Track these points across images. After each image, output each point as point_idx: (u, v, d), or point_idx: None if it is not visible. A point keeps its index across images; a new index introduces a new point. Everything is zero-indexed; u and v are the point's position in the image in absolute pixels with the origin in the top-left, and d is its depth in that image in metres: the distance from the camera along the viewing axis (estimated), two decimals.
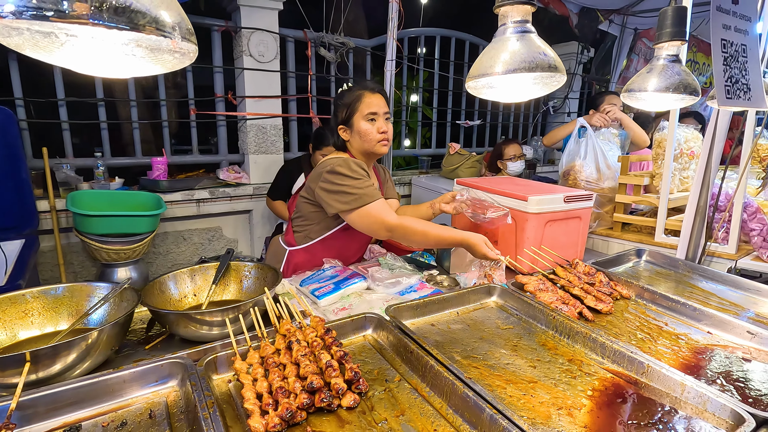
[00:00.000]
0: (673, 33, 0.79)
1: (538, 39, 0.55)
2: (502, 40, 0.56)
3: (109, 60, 0.36)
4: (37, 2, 0.29)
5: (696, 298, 1.44)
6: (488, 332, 1.12)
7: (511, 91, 0.57)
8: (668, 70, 0.80)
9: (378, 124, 1.60)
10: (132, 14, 0.31)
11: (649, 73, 0.82)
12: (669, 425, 0.80)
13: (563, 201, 1.61)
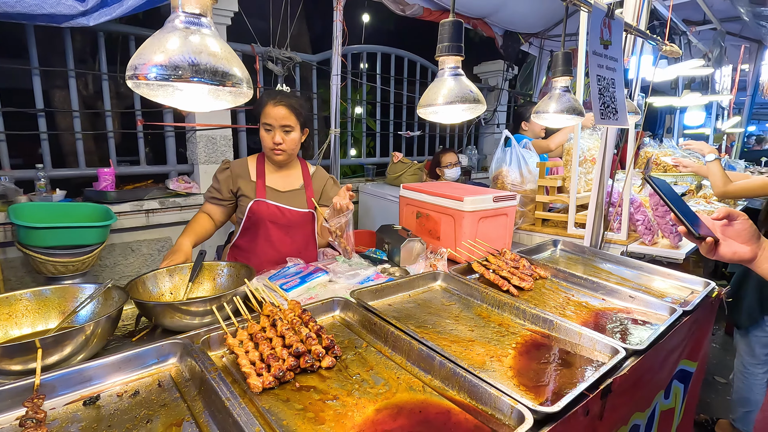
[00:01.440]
0: (563, 71, 1.08)
1: (466, 80, 0.78)
2: (442, 79, 0.79)
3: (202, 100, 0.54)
4: (164, 72, 0.45)
5: (597, 275, 1.78)
6: (435, 308, 1.35)
7: (449, 116, 0.79)
8: (562, 98, 1.09)
9: (272, 135, 1.73)
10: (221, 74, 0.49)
11: (549, 99, 1.11)
12: (569, 361, 1.08)
13: (493, 201, 1.91)
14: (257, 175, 1.85)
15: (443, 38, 0.77)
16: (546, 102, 1.10)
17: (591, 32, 1.15)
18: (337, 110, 3.58)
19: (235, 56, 0.54)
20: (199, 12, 0.50)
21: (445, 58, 0.78)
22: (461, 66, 0.78)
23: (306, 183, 1.94)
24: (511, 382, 0.98)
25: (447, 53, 0.77)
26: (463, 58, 0.79)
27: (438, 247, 1.85)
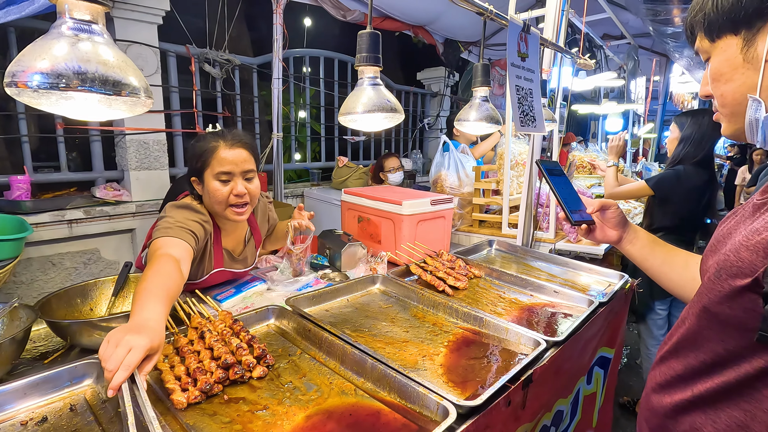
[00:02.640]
0: (482, 81, 1.15)
1: (384, 90, 0.81)
2: (361, 89, 0.82)
3: (94, 109, 0.50)
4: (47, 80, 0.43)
5: (528, 273, 1.89)
6: (372, 311, 1.38)
7: (367, 124, 0.82)
8: (481, 107, 1.16)
9: (232, 185, 1.36)
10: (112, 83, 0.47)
11: (470, 108, 1.18)
12: (496, 355, 1.14)
13: (430, 204, 1.97)
14: (214, 236, 1.47)
15: (361, 49, 0.80)
16: (467, 111, 1.17)
17: (509, 45, 1.23)
18: (279, 114, 3.52)
19: (131, 65, 0.52)
20: (90, 18, 0.48)
21: (364, 67, 0.80)
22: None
23: (252, 227, 1.65)
24: (441, 379, 1.01)
25: (365, 63, 0.80)
26: (381, 68, 0.82)
27: (379, 251, 1.88)
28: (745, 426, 0.61)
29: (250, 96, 3.93)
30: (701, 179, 2.22)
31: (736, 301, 0.60)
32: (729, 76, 0.66)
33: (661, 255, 0.99)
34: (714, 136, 2.24)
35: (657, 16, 2.65)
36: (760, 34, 0.61)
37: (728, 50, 0.65)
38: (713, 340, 0.65)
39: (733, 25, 0.63)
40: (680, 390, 0.71)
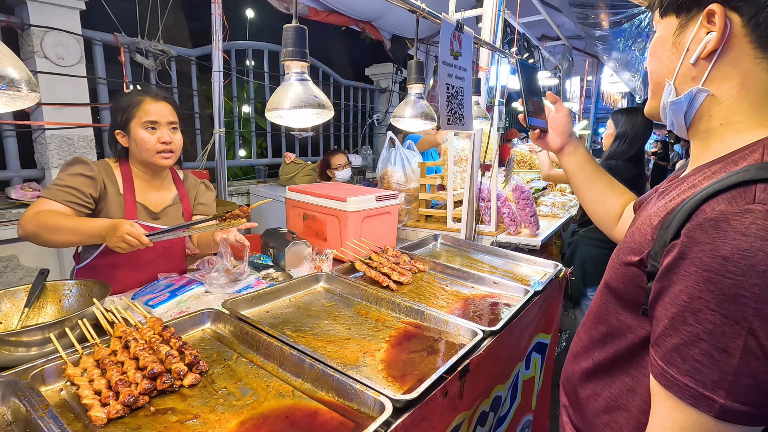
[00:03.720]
0: (417, 78, 1.17)
1: (312, 85, 0.80)
2: (288, 84, 0.80)
3: None
4: None
5: (471, 265, 1.95)
6: (315, 310, 1.36)
7: (295, 120, 0.80)
8: (416, 104, 1.17)
9: (159, 134, 1.51)
10: None
11: (405, 105, 1.19)
12: (436, 347, 1.16)
13: (375, 200, 1.97)
14: (125, 188, 1.54)
15: (287, 43, 0.77)
16: (402, 107, 1.18)
17: (441, 44, 1.26)
18: (221, 109, 3.38)
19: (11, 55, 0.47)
20: None
21: (290, 62, 0.78)
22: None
23: (181, 194, 1.72)
24: (380, 374, 1.02)
25: (292, 58, 0.78)
26: (308, 63, 0.80)
27: (324, 249, 1.86)
28: (632, 390, 0.67)
29: (189, 89, 3.73)
30: (631, 174, 2.40)
31: (628, 277, 0.66)
32: (659, 55, 0.70)
33: (588, 172, 1.07)
34: (645, 134, 2.43)
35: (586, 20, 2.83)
36: (692, 23, 0.63)
37: (667, 29, 0.68)
38: (611, 313, 0.71)
39: (677, 6, 0.65)
40: (585, 359, 0.77)
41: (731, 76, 0.61)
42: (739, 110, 0.62)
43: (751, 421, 0.50)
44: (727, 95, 0.62)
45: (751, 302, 0.48)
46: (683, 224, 0.55)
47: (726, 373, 0.49)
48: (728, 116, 0.63)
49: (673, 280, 0.55)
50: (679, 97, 0.66)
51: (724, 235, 0.50)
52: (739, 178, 0.53)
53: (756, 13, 0.57)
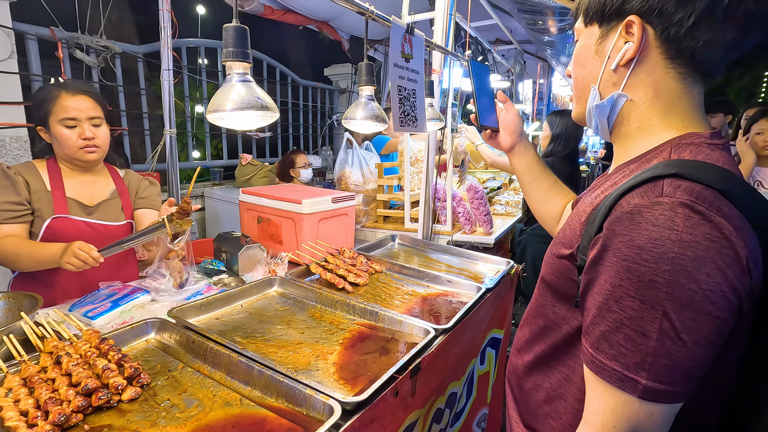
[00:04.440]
0: (367, 81, 1.17)
1: (255, 87, 0.78)
2: (230, 85, 0.77)
3: None
4: None
5: (428, 264, 1.98)
6: (268, 315, 1.33)
7: (237, 122, 0.78)
8: (367, 106, 1.18)
9: (79, 131, 1.46)
10: None
11: (356, 107, 1.19)
12: (389, 348, 1.17)
13: (332, 202, 1.96)
14: (52, 185, 1.51)
15: (228, 43, 0.75)
16: (353, 109, 1.18)
17: (392, 46, 1.27)
18: (171, 109, 3.24)
19: None
20: None
21: (232, 63, 0.76)
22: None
23: (119, 189, 1.67)
24: (332, 377, 1.02)
25: (233, 59, 0.76)
26: (250, 64, 0.79)
27: (280, 252, 1.82)
28: (569, 379, 0.71)
29: (136, 88, 3.56)
30: (566, 171, 2.55)
31: (561, 271, 0.70)
32: (583, 62, 0.74)
33: (536, 173, 1.11)
34: (578, 135, 2.60)
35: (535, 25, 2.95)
36: (612, 32, 0.68)
37: (590, 38, 0.72)
38: (547, 307, 0.74)
39: (600, 15, 0.69)
40: (527, 353, 0.81)
41: (646, 83, 0.66)
42: (653, 114, 0.67)
43: (671, 398, 0.53)
44: (642, 100, 0.67)
45: (664, 287, 0.51)
46: (605, 218, 0.59)
47: (646, 355, 0.52)
48: (644, 120, 0.68)
49: (599, 271, 0.58)
50: (603, 101, 0.70)
51: (638, 227, 0.54)
52: (650, 174, 0.57)
53: (666, 28, 0.62)
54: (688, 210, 0.52)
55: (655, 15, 0.62)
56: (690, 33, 0.60)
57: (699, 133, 0.64)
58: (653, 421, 0.55)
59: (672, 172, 0.56)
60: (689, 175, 0.55)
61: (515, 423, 0.86)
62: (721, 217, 0.52)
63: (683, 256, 0.51)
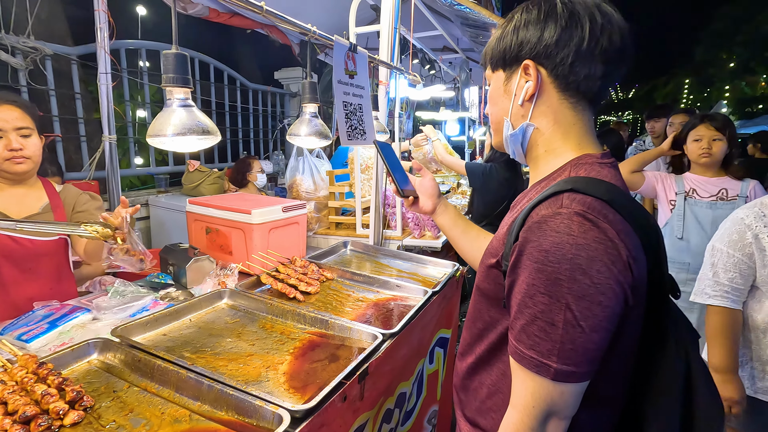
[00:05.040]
0: (311, 98, 1.22)
1: (197, 111, 0.80)
2: (171, 110, 0.79)
3: None
4: None
5: (380, 270, 2.04)
6: (218, 329, 1.34)
7: (179, 146, 0.80)
8: (311, 122, 1.22)
9: (5, 142, 1.43)
10: None
11: (300, 123, 1.23)
12: (339, 354, 1.22)
13: (282, 211, 1.98)
14: None
15: (168, 69, 0.77)
16: (297, 125, 1.22)
17: (335, 64, 1.32)
18: (110, 114, 3.08)
19: None
20: None
21: (172, 88, 0.78)
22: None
23: (53, 204, 1.60)
24: (282, 387, 1.05)
25: (173, 84, 0.78)
26: (191, 89, 0.81)
27: (230, 263, 1.82)
28: (504, 373, 0.80)
29: (70, 92, 3.36)
30: (505, 176, 2.73)
31: (491, 278, 0.79)
32: (496, 101, 0.86)
33: (462, 226, 1.20)
34: None
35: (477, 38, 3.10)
36: (514, 74, 0.80)
37: (498, 81, 0.84)
38: (483, 311, 0.83)
39: (503, 62, 0.82)
40: (469, 355, 0.89)
41: (547, 113, 0.79)
42: (555, 138, 0.80)
43: (577, 378, 0.64)
44: (546, 128, 0.80)
45: (566, 283, 0.61)
46: (521, 228, 0.69)
47: (555, 342, 0.62)
48: (549, 144, 0.80)
49: (518, 273, 0.68)
50: (515, 130, 0.81)
51: (545, 233, 0.64)
52: (553, 190, 0.69)
53: (554, 68, 0.75)
54: (581, 218, 0.63)
55: (544, 58, 0.75)
56: (572, 70, 0.74)
57: (592, 154, 0.77)
58: (564, 400, 0.65)
59: (569, 187, 0.67)
60: (583, 189, 0.66)
61: (462, 422, 0.94)
62: (606, 223, 0.63)
63: (579, 257, 0.61)
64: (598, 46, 0.72)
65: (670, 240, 2.15)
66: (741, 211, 1.42)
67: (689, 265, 2.12)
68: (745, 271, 1.37)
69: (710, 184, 2.11)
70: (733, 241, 1.39)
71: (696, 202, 2.11)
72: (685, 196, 2.13)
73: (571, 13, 0.72)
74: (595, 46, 0.71)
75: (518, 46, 0.76)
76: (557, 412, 0.66)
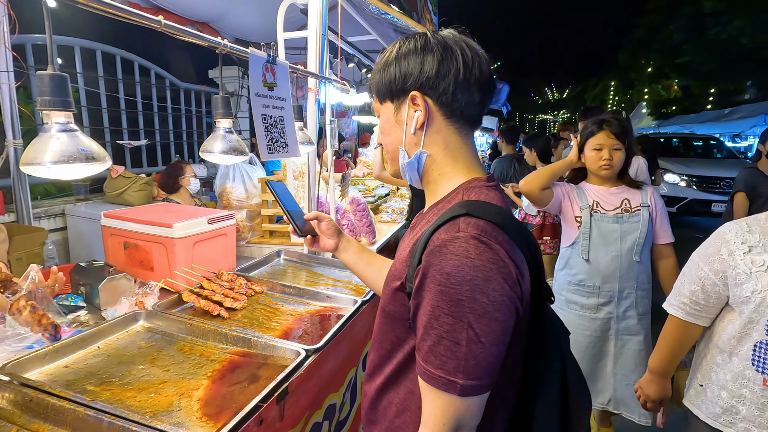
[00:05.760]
0: (224, 114, 1.18)
1: (81, 136, 0.75)
2: (49, 135, 0.73)
3: None
4: None
5: (312, 280, 2.03)
6: (129, 355, 1.26)
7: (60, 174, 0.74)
8: (225, 138, 1.18)
9: None
10: None
11: (214, 140, 1.18)
12: (260, 375, 1.20)
13: (207, 223, 1.90)
14: None
15: (44, 92, 0.71)
16: (211, 142, 1.17)
17: (252, 77, 1.29)
18: (15, 116, 2.80)
19: None
20: None
21: (50, 112, 0.72)
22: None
23: None
24: (195, 416, 1.01)
25: (51, 108, 0.72)
26: (73, 111, 0.75)
27: (151, 281, 1.72)
28: (412, 392, 0.83)
29: None
30: None
31: (395, 300, 0.81)
32: (389, 131, 0.88)
33: (366, 259, 1.19)
34: None
35: None
36: (403, 105, 0.83)
37: (388, 112, 0.86)
38: (389, 332, 0.85)
39: (390, 94, 0.84)
40: (378, 375, 0.91)
41: (437, 139, 0.83)
42: (447, 163, 0.84)
43: (481, 390, 0.68)
44: (438, 153, 0.84)
45: (467, 303, 0.65)
46: (423, 252, 0.72)
47: (460, 360, 0.66)
48: (441, 168, 0.84)
49: (423, 296, 0.71)
50: (411, 159, 0.83)
51: (445, 257, 0.68)
52: (450, 215, 0.72)
53: (439, 97, 0.79)
54: (476, 241, 0.67)
55: (429, 89, 0.79)
56: (454, 98, 0.79)
57: (479, 178, 0.82)
58: (471, 412, 0.69)
59: (464, 212, 0.71)
60: (476, 213, 0.70)
61: None
62: (498, 244, 0.68)
63: (477, 278, 0.65)
64: (472, 76, 0.77)
65: (577, 261, 1.99)
66: (727, 225, 1.29)
67: (599, 289, 1.94)
68: (709, 287, 1.25)
69: (612, 195, 1.95)
70: (706, 254, 1.27)
71: (602, 216, 1.93)
72: (591, 210, 1.95)
73: (445, 46, 0.77)
74: (470, 76, 0.77)
75: (403, 79, 0.80)
76: (465, 424, 0.70)
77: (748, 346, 1.19)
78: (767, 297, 1.15)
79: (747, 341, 1.20)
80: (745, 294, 1.18)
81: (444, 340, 0.67)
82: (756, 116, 13.03)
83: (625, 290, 1.93)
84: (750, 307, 1.17)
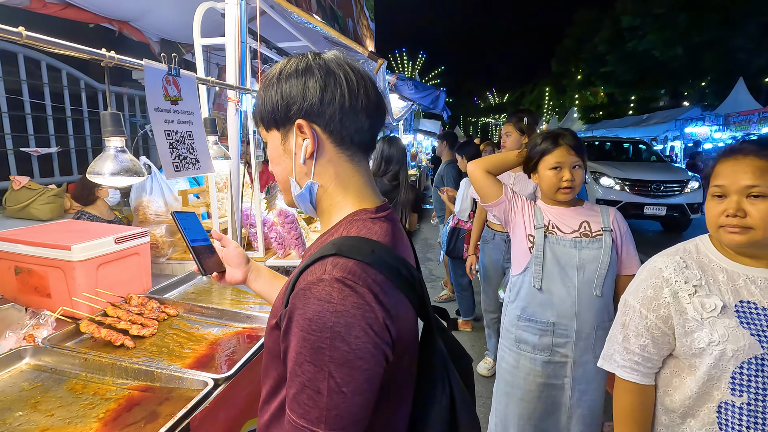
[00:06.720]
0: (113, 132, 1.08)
1: None
2: None
3: None
4: None
5: (236, 298, 1.93)
6: (6, 400, 1.13)
7: None
8: (117, 158, 1.08)
9: None
10: None
11: (104, 161, 1.08)
12: (161, 412, 1.11)
13: (114, 243, 1.75)
14: None
15: None
16: (100, 163, 1.07)
17: (150, 91, 1.20)
18: None
19: None
20: None
21: None
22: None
23: None
24: None
25: None
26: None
27: (45, 310, 1.55)
28: None
29: None
30: (387, 188, 2.82)
31: (274, 338, 0.77)
32: (278, 161, 0.83)
33: (278, 286, 1.13)
34: (402, 159, 2.88)
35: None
36: (290, 134, 0.78)
37: (275, 140, 0.81)
38: (271, 369, 0.82)
39: (274, 123, 0.79)
40: (266, 411, 0.87)
41: (328, 168, 0.79)
42: (338, 193, 0.81)
43: None
44: (329, 183, 0.80)
45: (327, 351, 0.62)
46: (290, 293, 0.68)
47: (322, 410, 0.63)
48: (332, 198, 0.81)
49: (289, 340, 0.67)
50: (302, 190, 0.80)
51: (308, 302, 0.64)
52: (319, 254, 0.69)
53: (327, 124, 0.76)
54: (341, 284, 0.64)
55: (314, 116, 0.75)
56: (342, 124, 0.76)
57: (366, 209, 0.79)
58: None
59: (334, 251, 0.68)
60: (346, 253, 0.67)
61: None
62: (365, 287, 0.65)
63: (338, 324, 0.62)
64: (359, 102, 0.75)
65: (528, 291, 1.71)
66: (659, 260, 1.11)
67: (554, 326, 1.66)
68: (659, 337, 1.08)
69: (569, 216, 1.69)
70: (647, 298, 1.08)
71: (557, 239, 1.66)
72: (545, 232, 1.67)
73: (327, 71, 0.74)
74: (356, 102, 0.75)
75: (286, 106, 0.75)
76: None
77: (710, 407, 1.02)
78: (727, 349, 0.97)
79: (707, 401, 1.03)
80: (697, 345, 1.01)
81: (307, 389, 0.64)
82: (668, 122, 14.45)
83: (583, 331, 1.64)
84: (707, 362, 1.00)
